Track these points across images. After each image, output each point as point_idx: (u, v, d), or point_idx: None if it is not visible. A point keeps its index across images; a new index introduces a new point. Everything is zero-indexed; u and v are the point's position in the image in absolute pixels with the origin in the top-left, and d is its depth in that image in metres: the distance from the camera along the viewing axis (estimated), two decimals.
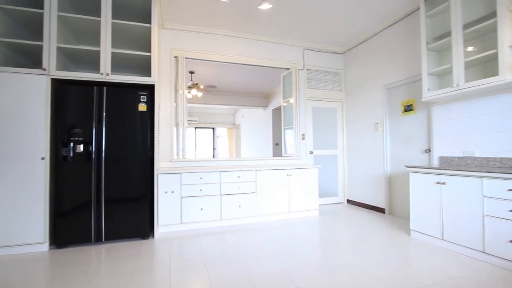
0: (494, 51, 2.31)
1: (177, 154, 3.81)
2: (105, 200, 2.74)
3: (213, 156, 11.19)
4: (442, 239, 2.53)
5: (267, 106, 8.15)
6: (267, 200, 3.61)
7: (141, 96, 2.88)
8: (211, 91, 7.34)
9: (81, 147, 2.69)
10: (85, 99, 2.72)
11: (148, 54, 2.94)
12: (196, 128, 10.76)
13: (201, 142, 11.04)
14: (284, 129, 4.77)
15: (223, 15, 3.61)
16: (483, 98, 2.65)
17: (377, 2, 3.32)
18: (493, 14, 2.36)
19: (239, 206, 3.46)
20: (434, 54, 2.97)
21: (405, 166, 2.92)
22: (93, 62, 3.04)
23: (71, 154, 2.66)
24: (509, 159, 2.45)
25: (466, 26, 2.56)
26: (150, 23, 2.93)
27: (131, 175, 2.83)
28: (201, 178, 3.30)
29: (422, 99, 2.95)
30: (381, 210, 3.98)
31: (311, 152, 4.58)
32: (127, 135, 2.84)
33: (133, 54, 2.93)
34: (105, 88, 2.78)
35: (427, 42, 2.91)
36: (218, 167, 3.58)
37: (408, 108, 3.57)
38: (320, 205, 4.56)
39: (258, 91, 7.76)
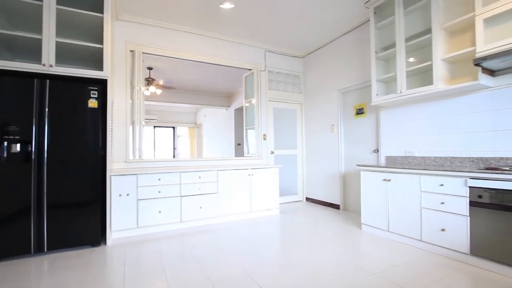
0: (429, 62, 2.62)
1: (133, 154, 3.59)
2: (48, 206, 2.47)
3: (174, 156, 10.78)
4: (388, 231, 2.79)
5: (229, 106, 8.12)
6: (229, 200, 3.60)
7: (92, 92, 2.65)
8: (170, 90, 7.07)
9: (17, 147, 2.38)
10: (24, 93, 2.42)
11: (100, 46, 2.72)
12: (155, 127, 10.26)
13: (160, 141, 10.56)
14: (246, 129, 4.81)
15: (185, 11, 3.51)
16: (422, 104, 2.99)
17: (333, 11, 3.53)
18: (429, 30, 2.67)
19: (200, 207, 3.39)
20: (382, 63, 3.26)
21: (356, 165, 3.16)
22: (34, 52, 2.71)
23: (5, 155, 2.34)
24: (441, 158, 2.80)
25: (408, 39, 2.87)
26: (102, 13, 2.72)
27: (79, 177, 2.59)
28: (159, 179, 3.16)
29: (372, 103, 3.22)
30: (336, 207, 4.24)
31: (272, 152, 4.69)
32: (75, 133, 2.59)
33: (82, 45, 2.69)
34: (48, 81, 2.50)
35: (376, 52, 3.18)
36: (179, 168, 3.47)
37: (359, 111, 3.87)
38: (280, 203, 4.69)
39: (220, 90, 7.69)
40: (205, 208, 3.43)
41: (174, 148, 10.88)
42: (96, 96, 2.67)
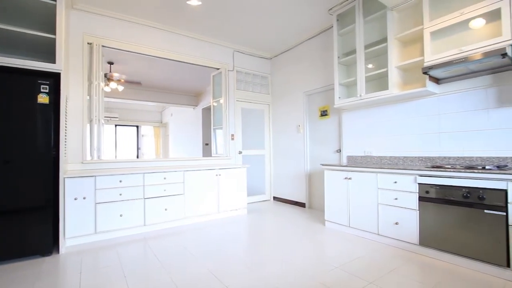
0: (385, 69, 2.84)
1: (91, 155, 3.35)
2: None
3: (137, 157, 10.26)
4: (349, 226, 2.96)
5: (197, 105, 7.96)
6: (196, 201, 3.53)
7: (42, 86, 2.42)
8: (135, 88, 6.72)
9: None
10: None
11: (52, 36, 2.49)
12: (116, 125, 9.67)
13: (123, 141, 9.97)
14: (214, 129, 4.75)
15: (150, 5, 3.36)
16: (379, 107, 3.23)
17: (300, 16, 3.64)
18: (385, 39, 2.89)
19: (166, 209, 3.28)
20: (343, 68, 3.45)
21: (321, 164, 3.30)
22: None
23: None
24: (395, 157, 3.04)
25: (367, 47, 3.07)
26: (55, 0, 2.49)
27: (27, 180, 2.35)
28: (120, 181, 2.99)
29: (334, 106, 3.39)
30: (302, 205, 4.38)
31: (240, 152, 4.70)
32: (22, 131, 2.34)
33: (30, 34, 2.44)
34: None
35: (338, 57, 3.35)
36: (142, 169, 3.31)
37: (324, 113, 4.05)
38: (248, 203, 4.72)
39: (188, 89, 7.50)
40: (171, 210, 3.32)
41: (138, 148, 10.35)
42: (47, 91, 2.44)
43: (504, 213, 1.89)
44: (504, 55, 1.96)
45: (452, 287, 1.80)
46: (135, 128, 10.24)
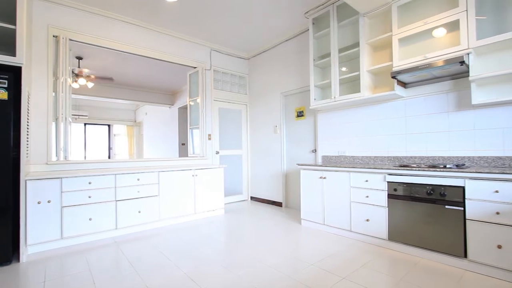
0: (358, 73, 2.96)
1: (57, 155, 3.14)
2: None
3: (109, 157, 9.80)
4: (324, 224, 3.05)
5: (173, 104, 7.77)
6: (172, 203, 3.44)
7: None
8: (107, 85, 6.41)
9: None
10: None
11: (12, 26, 2.30)
12: (86, 124, 9.15)
13: (93, 141, 9.46)
14: (191, 128, 4.67)
15: None
16: (352, 109, 3.36)
17: (277, 18, 3.69)
18: (357, 44, 3.02)
19: (139, 212, 3.17)
20: (319, 70, 3.55)
21: (297, 164, 3.37)
22: None
23: None
24: (367, 157, 3.18)
25: (340, 50, 3.18)
26: None
27: None
28: (90, 183, 2.84)
29: (310, 107, 3.47)
30: (279, 204, 4.44)
31: (217, 152, 4.66)
32: None
33: None
34: None
35: (314, 59, 3.44)
36: (114, 170, 3.17)
37: (300, 114, 4.13)
38: (226, 203, 4.70)
39: (163, 87, 7.29)
40: (144, 212, 3.21)
41: (109, 148, 9.88)
42: (5, 85, 2.25)
43: (462, 208, 2.06)
44: (462, 62, 2.13)
45: (417, 278, 1.92)
46: (107, 127, 9.77)
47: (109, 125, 9.76)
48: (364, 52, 2.90)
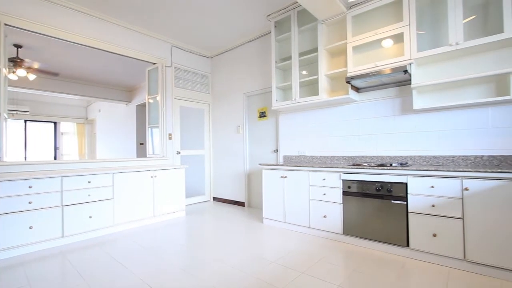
0: (316, 76, 3.11)
1: None
2: None
3: (55, 158, 8.88)
4: (285, 222, 3.15)
5: (130, 101, 7.32)
6: (128, 206, 3.25)
7: None
8: (52, 78, 5.78)
9: None
10: None
11: None
12: (26, 121, 8.16)
13: (36, 140, 8.47)
14: (150, 127, 4.45)
15: None
16: (312, 111, 3.51)
17: (240, 18, 3.70)
18: (316, 49, 3.17)
19: (90, 217, 2.93)
20: (280, 72, 3.64)
21: (259, 164, 3.42)
22: None
23: None
24: (325, 156, 3.36)
25: (301, 54, 3.31)
26: None
27: None
28: (30, 186, 2.54)
29: (272, 108, 3.55)
30: (242, 204, 4.46)
31: (178, 152, 4.52)
32: None
33: None
34: None
35: (276, 61, 3.53)
36: (61, 172, 2.88)
37: (262, 115, 4.20)
38: (187, 205, 4.58)
39: (120, 83, 6.83)
40: (97, 217, 2.98)
41: (56, 148, 8.95)
42: None
43: (405, 202, 2.29)
44: (405, 71, 2.37)
45: (368, 268, 2.09)
46: (53, 124, 8.83)
47: (55, 123, 8.83)
48: (322, 57, 3.05)
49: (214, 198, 4.99)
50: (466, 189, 2.00)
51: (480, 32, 2.27)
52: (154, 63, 4.26)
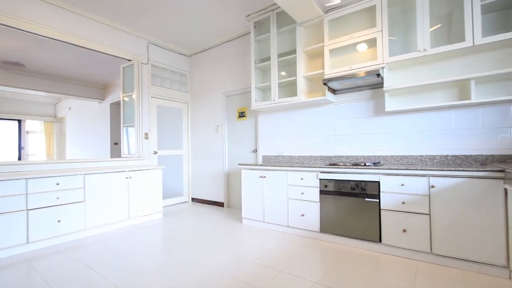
0: (294, 78, 3.16)
1: None
2: None
3: (19, 159, 8.28)
4: (264, 222, 3.17)
5: (103, 99, 6.99)
6: (101, 209, 3.11)
7: None
8: (15, 72, 5.38)
9: None
10: None
11: None
12: None
13: None
14: (125, 126, 4.29)
15: None
16: (290, 111, 3.57)
17: (220, 17, 3.67)
18: (295, 51, 3.22)
19: (59, 221, 2.76)
20: (260, 72, 3.66)
21: (238, 164, 3.42)
22: None
23: None
24: (303, 156, 3.42)
25: (279, 55, 3.35)
26: None
27: None
28: None
29: (251, 108, 3.56)
30: (221, 205, 4.43)
31: (155, 153, 4.39)
32: None
33: None
34: None
35: (255, 62, 3.54)
36: (26, 173, 2.69)
37: (241, 115, 4.20)
38: (164, 206, 4.47)
39: (92, 80, 6.50)
40: (66, 221, 2.82)
41: (20, 148, 8.34)
42: None
43: (378, 200, 2.39)
44: (378, 75, 2.48)
45: (343, 264, 2.16)
46: (16, 122, 8.22)
47: (19, 121, 8.23)
48: (300, 59, 3.11)
49: (193, 199, 4.91)
50: (433, 186, 2.13)
51: (445, 40, 2.43)
52: (130, 60, 4.11)
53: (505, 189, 1.88)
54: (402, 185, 2.27)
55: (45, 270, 2.15)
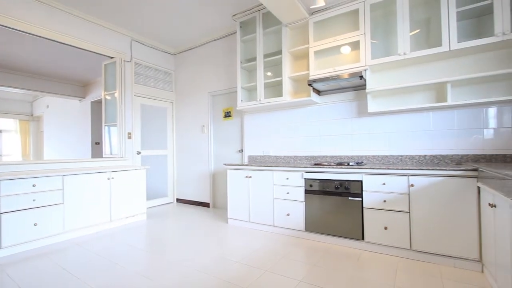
0: (280, 78, 3.19)
1: None
2: None
3: None
4: (250, 222, 3.17)
5: (84, 97, 6.75)
6: (81, 211, 3.00)
7: None
8: None
9: None
10: None
11: None
12: None
13: None
14: (107, 126, 4.16)
15: None
16: (276, 112, 3.59)
17: (205, 16, 3.64)
18: (280, 52, 3.25)
19: (35, 224, 2.64)
20: (246, 72, 3.66)
21: (224, 164, 3.41)
22: None
23: None
24: (289, 156, 3.46)
25: (265, 56, 3.37)
26: None
27: None
28: None
29: (237, 108, 3.56)
30: (206, 205, 4.39)
31: (139, 153, 4.29)
32: None
33: None
34: None
35: (241, 62, 3.54)
36: None
37: (227, 114, 4.18)
38: (149, 207, 4.37)
39: (72, 77, 6.26)
40: (43, 224, 2.70)
41: None
42: None
43: (360, 199, 2.46)
44: (361, 77, 2.54)
45: (328, 262, 2.20)
46: None
47: None
48: (286, 59, 3.14)
49: (178, 200, 4.83)
50: (412, 185, 2.22)
51: (424, 44, 2.53)
52: (112, 57, 3.99)
53: (478, 187, 1.98)
54: (384, 184, 2.34)
55: (20, 277, 2.05)
